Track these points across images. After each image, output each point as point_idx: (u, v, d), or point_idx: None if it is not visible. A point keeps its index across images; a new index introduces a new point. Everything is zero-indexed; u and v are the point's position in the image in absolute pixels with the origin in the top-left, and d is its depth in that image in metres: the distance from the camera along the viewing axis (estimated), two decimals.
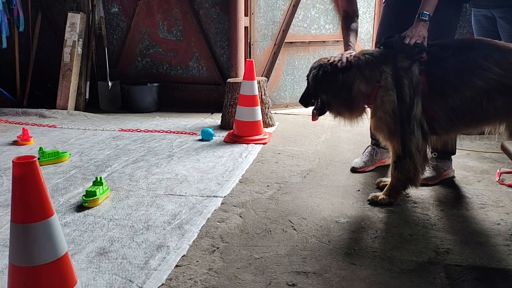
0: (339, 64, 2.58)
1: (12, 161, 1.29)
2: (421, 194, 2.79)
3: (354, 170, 3.22)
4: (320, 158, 3.52)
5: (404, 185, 2.62)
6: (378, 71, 2.54)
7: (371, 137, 3.30)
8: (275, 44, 5.22)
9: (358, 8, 3.01)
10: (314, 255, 2.10)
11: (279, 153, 3.67)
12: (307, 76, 2.74)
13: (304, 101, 2.81)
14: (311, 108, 2.82)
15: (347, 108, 2.65)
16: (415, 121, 2.49)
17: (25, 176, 1.28)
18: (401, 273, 1.96)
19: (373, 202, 2.65)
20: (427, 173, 2.82)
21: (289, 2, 5.17)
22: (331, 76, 2.59)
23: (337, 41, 5.50)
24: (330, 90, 2.63)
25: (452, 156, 3.09)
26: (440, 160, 2.98)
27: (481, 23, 3.26)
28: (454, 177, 3.07)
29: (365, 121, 2.75)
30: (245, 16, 4.98)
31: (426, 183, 2.87)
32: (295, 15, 5.20)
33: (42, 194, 1.32)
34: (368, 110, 2.69)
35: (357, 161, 3.28)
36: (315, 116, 2.77)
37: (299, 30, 5.31)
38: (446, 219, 2.47)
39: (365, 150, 3.37)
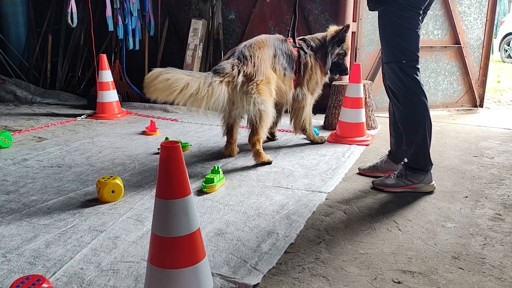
0: None
1: (161, 145, 1.42)
2: None
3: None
4: None
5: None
6: None
7: None
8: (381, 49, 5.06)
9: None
10: (419, 256, 2.02)
11: (382, 155, 3.56)
12: None
13: None
14: None
15: None
16: None
17: (170, 158, 1.40)
18: None
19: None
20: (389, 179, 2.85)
21: None
22: None
23: (445, 47, 5.20)
24: None
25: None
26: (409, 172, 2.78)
27: None
28: (431, 192, 2.77)
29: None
30: (353, 21, 4.91)
31: (381, 188, 2.83)
32: None
33: (183, 174, 1.43)
34: None
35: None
36: None
37: None
38: None
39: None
